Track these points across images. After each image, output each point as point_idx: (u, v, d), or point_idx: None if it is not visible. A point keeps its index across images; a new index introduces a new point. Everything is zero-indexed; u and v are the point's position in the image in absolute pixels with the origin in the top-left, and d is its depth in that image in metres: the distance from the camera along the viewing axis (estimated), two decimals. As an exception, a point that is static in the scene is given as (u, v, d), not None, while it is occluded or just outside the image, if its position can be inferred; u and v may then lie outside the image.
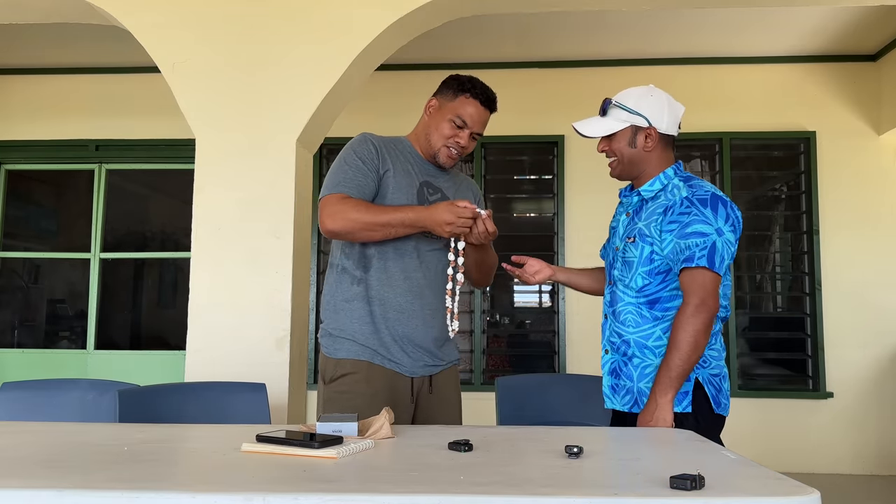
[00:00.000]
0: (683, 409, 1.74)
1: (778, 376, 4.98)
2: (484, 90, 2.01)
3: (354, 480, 1.10)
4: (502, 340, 5.26)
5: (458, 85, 2.01)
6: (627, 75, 4.97)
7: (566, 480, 1.11)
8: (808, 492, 0.99)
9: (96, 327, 5.04)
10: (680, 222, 1.73)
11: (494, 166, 5.15)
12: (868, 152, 4.86)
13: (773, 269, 5.14)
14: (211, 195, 3.02)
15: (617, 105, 1.86)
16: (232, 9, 3.08)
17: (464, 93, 1.99)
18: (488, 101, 2.01)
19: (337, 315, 2.00)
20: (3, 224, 5.25)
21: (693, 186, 1.78)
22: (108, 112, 5.18)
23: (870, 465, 4.66)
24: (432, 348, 2.00)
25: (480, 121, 2.01)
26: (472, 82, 2.01)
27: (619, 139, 1.86)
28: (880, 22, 4.43)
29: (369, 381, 1.92)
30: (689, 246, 1.71)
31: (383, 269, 1.96)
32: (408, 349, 1.96)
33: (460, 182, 2.17)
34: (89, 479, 1.09)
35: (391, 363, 1.95)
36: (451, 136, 1.99)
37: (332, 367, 1.97)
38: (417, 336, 1.97)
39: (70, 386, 2.21)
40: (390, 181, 1.97)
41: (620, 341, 1.84)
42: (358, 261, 1.99)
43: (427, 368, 2.00)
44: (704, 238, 1.70)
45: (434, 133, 2.01)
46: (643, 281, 1.80)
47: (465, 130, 1.99)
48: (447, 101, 2.01)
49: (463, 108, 1.98)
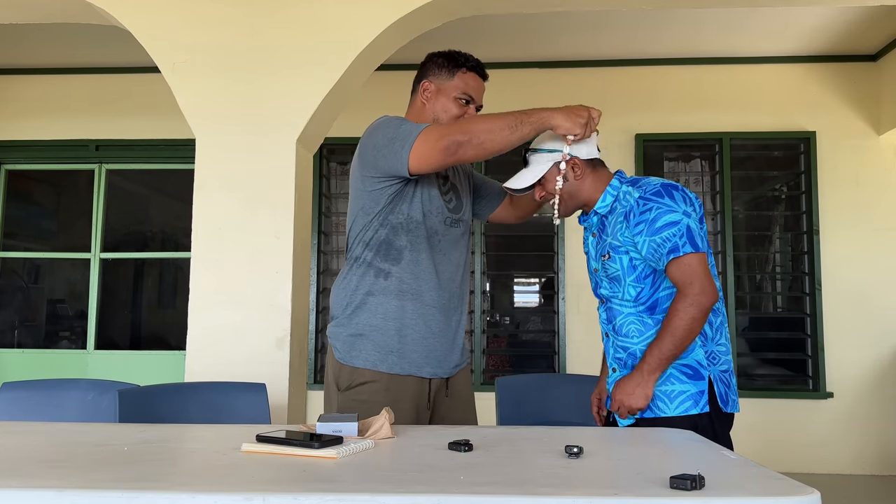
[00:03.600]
0: (701, 409, 1.73)
1: (778, 376, 4.98)
2: (476, 60, 1.98)
3: (354, 480, 1.10)
4: (502, 340, 5.26)
5: (451, 62, 1.96)
6: (627, 75, 4.98)
7: (566, 480, 1.10)
8: (808, 492, 0.99)
9: (96, 327, 5.03)
10: (646, 221, 1.74)
11: (495, 166, 5.14)
12: (868, 152, 4.86)
13: (773, 269, 5.14)
14: (211, 195, 3.02)
15: (534, 151, 1.88)
16: (232, 9, 3.08)
17: (460, 68, 1.95)
18: (483, 70, 2.00)
19: (356, 312, 1.88)
20: (3, 224, 5.25)
21: (641, 185, 1.80)
22: (108, 112, 5.18)
23: (870, 465, 4.66)
24: (454, 348, 1.95)
25: (482, 92, 2.00)
26: (464, 56, 1.97)
27: (549, 181, 1.87)
28: (880, 22, 4.43)
29: (389, 390, 1.84)
30: (666, 238, 1.72)
31: (415, 261, 1.88)
32: (432, 350, 1.89)
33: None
34: (89, 479, 1.09)
35: (411, 367, 1.86)
36: (460, 114, 1.95)
37: (349, 375, 1.87)
38: (443, 334, 1.91)
39: (70, 386, 2.21)
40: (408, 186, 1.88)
41: (626, 355, 1.83)
42: (385, 253, 1.88)
43: (448, 370, 1.94)
44: (677, 225, 1.72)
45: (443, 116, 1.94)
46: (635, 290, 1.80)
47: (471, 105, 1.97)
48: (445, 80, 1.96)
49: (465, 83, 1.95)
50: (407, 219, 1.88)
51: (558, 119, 1.75)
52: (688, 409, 1.74)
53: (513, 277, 5.35)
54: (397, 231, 1.88)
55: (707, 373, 1.76)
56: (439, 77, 1.96)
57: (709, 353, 1.79)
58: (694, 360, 1.77)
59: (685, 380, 1.76)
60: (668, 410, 1.75)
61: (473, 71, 1.96)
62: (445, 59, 1.96)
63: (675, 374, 1.76)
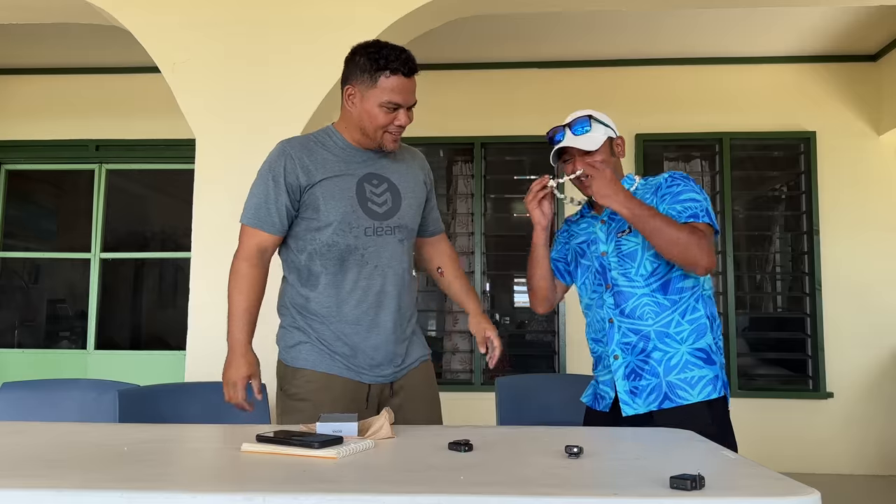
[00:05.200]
0: (719, 393, 1.78)
1: (778, 376, 4.98)
2: (399, 57, 1.77)
3: (354, 480, 1.10)
4: (502, 340, 5.25)
5: (371, 63, 1.77)
6: (627, 75, 4.98)
7: (566, 480, 1.10)
8: (808, 492, 0.99)
9: (96, 327, 5.03)
10: (671, 193, 1.82)
11: (494, 166, 5.14)
12: (868, 152, 4.86)
13: (774, 269, 5.14)
14: (211, 195, 3.02)
15: (596, 119, 1.91)
16: (232, 9, 3.08)
17: (381, 71, 1.76)
18: (410, 69, 1.78)
19: (294, 319, 1.91)
20: (3, 224, 5.25)
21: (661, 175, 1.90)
22: (108, 112, 5.18)
23: (870, 465, 4.65)
24: (391, 356, 1.89)
25: (410, 92, 1.80)
26: (383, 54, 1.77)
27: (603, 152, 1.89)
28: (880, 22, 4.43)
29: (329, 390, 1.84)
30: (688, 207, 1.79)
31: (332, 284, 1.86)
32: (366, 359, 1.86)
33: (407, 161, 1.99)
34: (89, 479, 1.09)
35: (349, 371, 1.85)
36: (387, 122, 1.80)
37: (291, 375, 1.89)
38: (375, 345, 1.87)
39: (70, 386, 2.21)
40: (319, 193, 1.82)
41: (637, 338, 1.81)
42: (305, 279, 1.89)
43: (385, 378, 1.90)
44: (699, 203, 1.80)
45: (368, 124, 1.81)
46: (652, 265, 1.82)
47: (400, 110, 1.80)
48: (367, 86, 1.78)
49: (390, 88, 1.77)
50: (319, 244, 1.85)
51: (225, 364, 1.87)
52: (709, 394, 1.77)
53: (513, 277, 5.35)
54: (312, 257, 1.87)
55: (716, 358, 1.82)
56: (362, 82, 1.79)
57: (716, 340, 1.84)
58: (706, 345, 1.81)
59: (702, 365, 1.79)
60: (690, 397, 1.77)
61: (397, 73, 1.76)
62: (367, 59, 1.78)
63: (692, 361, 1.79)
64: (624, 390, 1.83)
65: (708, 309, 1.84)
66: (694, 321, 1.81)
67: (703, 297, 1.84)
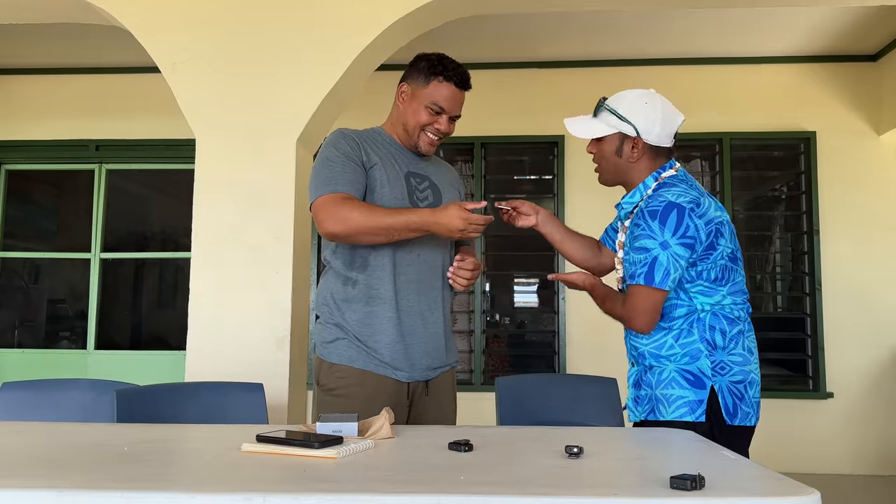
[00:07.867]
0: (697, 418, 1.70)
1: (778, 376, 4.98)
2: (456, 70, 1.91)
3: (354, 480, 1.10)
4: (502, 340, 5.25)
5: (429, 67, 1.90)
6: (627, 75, 4.97)
7: (566, 480, 1.10)
8: (808, 492, 0.99)
9: (96, 327, 5.03)
10: (633, 235, 1.76)
11: (494, 166, 5.14)
12: (868, 152, 4.86)
13: (774, 269, 5.14)
14: (211, 195, 3.02)
15: (608, 109, 1.83)
16: (232, 9, 3.08)
17: (436, 76, 1.89)
18: (462, 81, 1.92)
19: (333, 315, 1.91)
20: (3, 224, 5.25)
21: (654, 197, 1.75)
22: (108, 112, 5.18)
23: (870, 465, 4.66)
24: (432, 351, 1.93)
25: (457, 103, 1.93)
26: (443, 63, 1.91)
27: (608, 144, 1.84)
28: (880, 22, 4.43)
29: (365, 386, 1.85)
30: (633, 262, 1.74)
31: (380, 266, 1.88)
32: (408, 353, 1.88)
33: (442, 169, 2.09)
34: (89, 479, 1.09)
35: (386, 369, 1.87)
36: (429, 123, 1.92)
37: (327, 370, 1.91)
38: (418, 338, 1.90)
39: (70, 386, 2.21)
40: (377, 175, 1.89)
41: (637, 353, 1.84)
42: (350, 261, 1.90)
43: (425, 373, 1.93)
44: (647, 254, 1.71)
45: (411, 121, 1.93)
46: None
47: (443, 115, 1.92)
48: (420, 86, 1.92)
49: (438, 92, 1.89)
50: None
51: (436, 228, 1.79)
52: (682, 416, 1.71)
53: (513, 277, 5.35)
54: None
55: (710, 383, 1.72)
56: (416, 82, 1.93)
57: (717, 363, 1.73)
58: (697, 368, 1.73)
59: (686, 386, 1.73)
60: (665, 414, 1.74)
61: (450, 81, 1.89)
62: (426, 63, 1.92)
63: (677, 379, 1.74)
64: (630, 397, 1.85)
65: (707, 334, 1.74)
66: (686, 345, 1.75)
67: (698, 322, 1.75)
